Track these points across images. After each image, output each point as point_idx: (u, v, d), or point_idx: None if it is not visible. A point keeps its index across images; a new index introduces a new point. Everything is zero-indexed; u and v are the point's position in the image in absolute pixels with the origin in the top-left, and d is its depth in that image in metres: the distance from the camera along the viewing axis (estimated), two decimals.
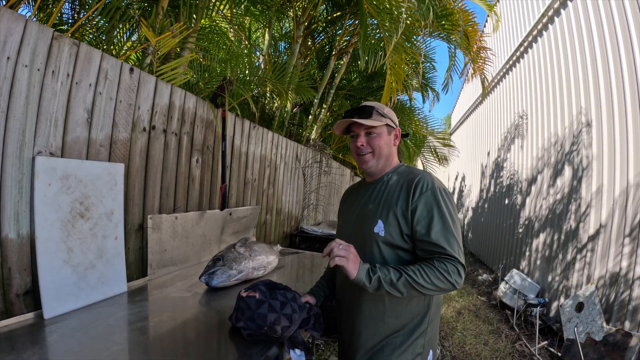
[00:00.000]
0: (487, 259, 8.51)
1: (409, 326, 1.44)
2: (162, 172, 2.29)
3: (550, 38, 5.82)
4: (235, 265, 2.13)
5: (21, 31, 1.47)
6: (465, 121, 13.03)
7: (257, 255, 2.33)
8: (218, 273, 2.04)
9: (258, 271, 2.31)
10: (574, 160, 4.89)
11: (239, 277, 2.13)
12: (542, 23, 6.06)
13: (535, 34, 6.38)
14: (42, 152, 1.56)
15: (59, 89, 1.62)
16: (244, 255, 2.23)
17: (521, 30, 6.98)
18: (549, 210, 5.50)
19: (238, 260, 2.16)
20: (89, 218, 1.71)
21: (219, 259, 2.12)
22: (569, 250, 4.74)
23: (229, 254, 2.19)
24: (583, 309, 3.95)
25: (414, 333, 1.43)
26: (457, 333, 4.37)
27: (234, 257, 2.17)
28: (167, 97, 2.28)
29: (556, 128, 5.50)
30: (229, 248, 2.29)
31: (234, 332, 1.48)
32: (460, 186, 13.15)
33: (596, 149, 4.39)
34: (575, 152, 4.85)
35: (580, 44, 4.84)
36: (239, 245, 2.32)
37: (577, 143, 4.84)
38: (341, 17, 5.20)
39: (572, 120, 4.99)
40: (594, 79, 4.49)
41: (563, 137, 5.24)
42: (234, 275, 2.09)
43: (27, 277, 1.54)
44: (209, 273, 2.03)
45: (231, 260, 2.14)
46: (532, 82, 6.56)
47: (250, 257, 2.26)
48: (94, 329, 1.44)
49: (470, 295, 6.03)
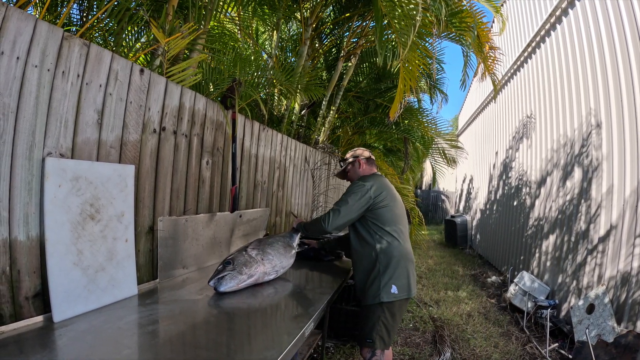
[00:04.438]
0: (496, 261, 8.44)
1: (370, 273, 2.36)
2: (173, 173, 2.27)
3: (558, 38, 5.75)
4: (245, 269, 2.08)
5: (31, 31, 1.45)
6: (473, 123, 12.96)
7: (271, 260, 2.28)
8: (227, 278, 2.00)
9: (270, 275, 2.27)
10: (583, 162, 4.82)
11: (249, 281, 2.09)
12: (550, 23, 6.00)
13: (543, 34, 6.31)
14: (52, 154, 1.54)
15: (69, 89, 1.60)
16: (255, 259, 2.18)
17: (529, 31, 6.92)
18: (558, 212, 5.43)
19: (249, 265, 2.11)
20: (100, 220, 1.69)
21: (229, 263, 2.07)
22: (579, 252, 4.68)
23: (240, 257, 2.14)
24: (594, 311, 3.89)
25: (371, 276, 2.35)
26: (467, 336, 4.32)
27: (245, 261, 2.12)
28: (177, 98, 2.26)
29: (565, 129, 5.43)
30: (240, 251, 2.24)
31: (246, 336, 1.46)
32: (468, 188, 13.06)
33: (606, 149, 4.33)
34: (585, 153, 4.79)
35: (589, 44, 4.78)
36: (252, 248, 2.28)
37: (586, 145, 4.78)
38: (349, 19, 5.18)
39: (582, 121, 4.92)
40: (603, 79, 4.43)
41: (572, 138, 5.18)
42: (244, 280, 2.05)
43: (37, 280, 1.52)
44: (218, 278, 1.99)
45: (242, 264, 2.09)
46: (540, 83, 6.48)
47: (262, 260, 2.21)
48: (104, 333, 1.42)
49: (479, 298, 5.97)
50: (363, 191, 2.41)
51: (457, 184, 15.67)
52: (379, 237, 2.38)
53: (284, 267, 2.41)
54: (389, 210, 2.44)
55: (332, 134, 6.76)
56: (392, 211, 2.46)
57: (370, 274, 2.35)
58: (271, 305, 1.93)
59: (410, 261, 2.44)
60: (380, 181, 2.53)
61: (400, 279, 2.33)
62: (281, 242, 2.54)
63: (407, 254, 2.44)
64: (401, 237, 2.44)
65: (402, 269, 2.35)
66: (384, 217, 2.41)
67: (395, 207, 2.52)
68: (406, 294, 2.34)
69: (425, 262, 8.71)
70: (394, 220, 2.45)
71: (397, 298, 2.30)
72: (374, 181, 2.48)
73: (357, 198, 2.39)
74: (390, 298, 2.28)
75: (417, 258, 8.85)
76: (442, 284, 6.72)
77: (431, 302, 5.61)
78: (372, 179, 2.51)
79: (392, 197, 2.51)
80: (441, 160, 7.02)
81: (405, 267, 2.38)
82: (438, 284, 6.71)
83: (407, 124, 6.76)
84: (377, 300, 2.29)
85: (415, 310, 5.13)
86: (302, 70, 4.65)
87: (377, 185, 2.46)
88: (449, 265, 8.51)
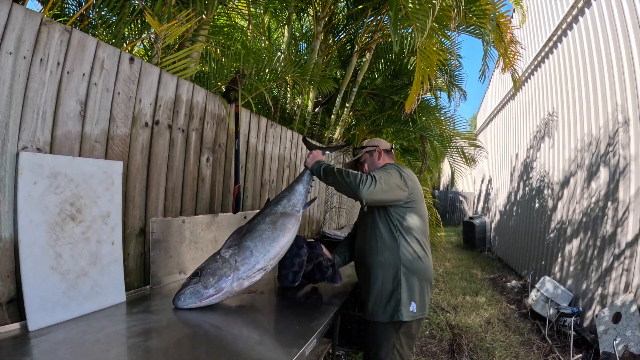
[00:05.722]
0: (516, 264, 8.16)
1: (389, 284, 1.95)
2: (167, 171, 2.12)
3: (581, 31, 5.49)
4: (212, 281, 1.69)
5: (5, 16, 1.33)
6: (492, 122, 12.67)
7: (247, 259, 1.80)
8: (187, 293, 1.66)
9: (254, 278, 1.82)
10: (610, 162, 4.57)
11: (217, 297, 1.70)
12: (572, 15, 5.74)
13: (565, 27, 6.06)
14: (28, 148, 1.41)
15: (47, 78, 1.47)
16: (228, 263, 1.76)
17: (550, 23, 6.65)
18: (582, 214, 5.18)
19: (217, 274, 1.71)
20: (81, 221, 1.55)
21: (196, 274, 1.73)
22: (605, 256, 4.44)
23: (211, 263, 1.76)
24: (620, 320, 3.67)
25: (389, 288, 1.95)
26: (486, 345, 4.11)
27: (214, 270, 1.72)
28: (173, 90, 2.12)
29: (590, 127, 5.18)
30: (214, 255, 1.84)
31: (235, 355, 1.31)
32: (486, 189, 12.77)
33: (634, 148, 4.08)
34: (612, 152, 4.54)
35: (614, 36, 4.53)
36: (226, 247, 1.84)
37: (613, 143, 4.53)
38: (362, 12, 5.01)
39: (607, 118, 4.67)
40: (630, 72, 4.17)
41: (598, 136, 4.93)
42: (209, 295, 1.68)
43: (11, 285, 1.39)
44: (177, 292, 1.69)
45: (209, 274, 1.71)
46: (562, 79, 6.22)
47: (237, 263, 1.77)
48: (80, 345, 1.28)
49: (499, 304, 5.73)
50: (401, 176, 1.99)
51: (476, 185, 15.38)
52: (406, 243, 1.97)
53: (272, 257, 1.89)
54: (418, 212, 2.05)
55: (347, 133, 6.58)
56: (420, 214, 2.07)
57: (389, 285, 1.94)
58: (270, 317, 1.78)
59: (431, 279, 2.08)
60: (413, 175, 2.12)
61: (422, 295, 1.98)
62: (272, 215, 2.00)
63: (430, 269, 2.07)
64: (427, 248, 2.06)
65: (425, 283, 2.00)
66: (413, 219, 2.01)
67: (424, 210, 2.12)
68: (424, 313, 1.99)
69: (442, 265, 8.48)
70: (422, 226, 2.06)
71: (415, 317, 1.93)
72: (408, 172, 2.08)
73: (396, 178, 1.95)
74: (409, 317, 1.90)
75: (434, 260, 8.64)
76: (460, 289, 6.50)
77: (449, 307, 5.40)
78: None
79: (422, 198, 2.12)
80: (460, 160, 6.78)
81: (429, 281, 2.05)
82: (456, 288, 6.49)
83: (425, 122, 6.55)
84: (397, 318, 1.89)
85: (432, 316, 4.93)
86: (315, 67, 4.51)
87: (413, 178, 2.07)
88: (467, 269, 8.28)
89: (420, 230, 2.03)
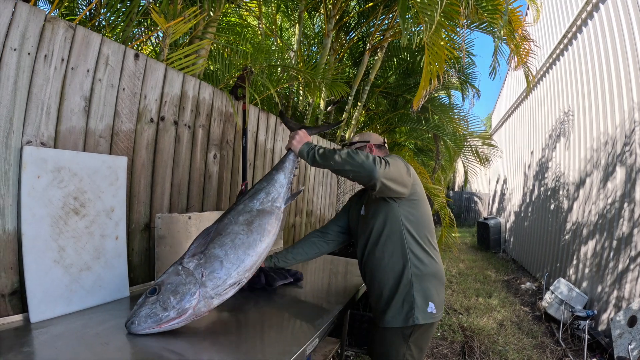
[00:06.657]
0: (530, 266, 8.04)
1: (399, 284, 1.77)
2: (173, 167, 2.13)
3: (595, 27, 5.38)
4: (173, 301, 1.34)
5: (10, 13, 1.35)
6: (507, 121, 12.51)
7: (219, 270, 1.44)
8: (142, 316, 1.32)
9: (225, 295, 1.45)
10: (626, 161, 4.47)
11: (178, 322, 1.36)
12: (587, 11, 5.63)
13: (580, 24, 5.94)
14: (32, 142, 1.43)
15: (52, 74, 1.49)
16: (194, 276, 1.41)
17: (564, 20, 6.53)
18: (598, 215, 5.07)
19: (181, 291, 1.37)
20: (85, 215, 1.57)
21: (153, 291, 1.38)
22: (622, 259, 4.33)
23: (171, 277, 1.41)
24: (636, 324, 3.58)
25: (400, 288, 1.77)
26: (499, 348, 4.05)
27: (176, 286, 1.38)
28: (179, 86, 2.13)
29: (606, 126, 5.07)
30: (175, 265, 1.47)
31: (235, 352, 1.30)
32: (501, 189, 12.61)
33: None
34: (628, 152, 4.43)
35: (630, 32, 4.42)
36: (190, 255, 1.48)
37: (629, 143, 4.42)
38: (373, 9, 4.99)
39: (624, 117, 4.56)
40: None
41: (614, 136, 4.82)
42: (169, 318, 1.33)
43: (14, 277, 1.40)
44: (131, 313, 1.36)
45: (170, 291, 1.36)
46: (578, 77, 6.10)
47: (204, 277, 1.42)
48: (79, 338, 1.29)
49: (512, 306, 5.64)
50: (404, 164, 1.81)
51: (490, 185, 15.20)
52: (414, 243, 1.81)
53: (248, 268, 1.52)
54: (422, 209, 1.89)
55: (359, 131, 6.56)
56: (425, 211, 1.90)
57: (400, 288, 1.77)
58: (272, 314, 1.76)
59: (443, 279, 1.91)
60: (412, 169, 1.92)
61: (439, 295, 1.83)
62: (247, 214, 1.62)
63: (441, 269, 1.92)
64: (436, 247, 1.92)
65: (438, 284, 1.85)
66: (419, 217, 1.85)
67: (427, 207, 1.95)
68: (439, 315, 1.81)
69: (456, 266, 8.39)
70: (428, 224, 1.91)
71: (434, 319, 1.77)
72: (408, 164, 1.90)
73: (400, 165, 1.76)
74: (427, 319, 1.73)
75: (447, 262, 8.57)
76: (473, 290, 6.41)
77: (461, 309, 5.33)
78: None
79: (424, 196, 1.95)
80: (473, 159, 6.70)
81: (442, 282, 1.89)
82: (469, 290, 6.41)
83: (438, 120, 6.50)
84: (411, 322, 1.71)
85: (445, 318, 4.86)
86: (326, 66, 4.49)
87: (413, 171, 1.88)
88: (481, 270, 8.17)
89: (427, 229, 1.88)
